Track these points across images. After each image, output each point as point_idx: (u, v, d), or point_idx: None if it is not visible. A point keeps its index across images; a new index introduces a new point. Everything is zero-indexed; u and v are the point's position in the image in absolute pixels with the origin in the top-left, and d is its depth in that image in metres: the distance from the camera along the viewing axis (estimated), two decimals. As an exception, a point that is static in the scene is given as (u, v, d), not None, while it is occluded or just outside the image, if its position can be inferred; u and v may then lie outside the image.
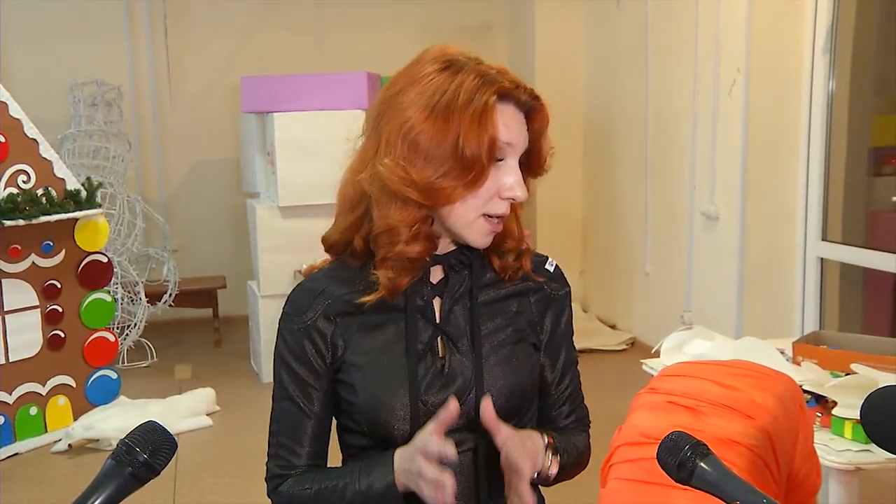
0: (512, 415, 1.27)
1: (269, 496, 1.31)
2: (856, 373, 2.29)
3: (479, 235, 1.23)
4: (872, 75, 4.16)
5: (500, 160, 1.19)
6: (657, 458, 1.13)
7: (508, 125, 1.19)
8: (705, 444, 1.10)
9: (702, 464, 1.07)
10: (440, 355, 1.25)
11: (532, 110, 1.22)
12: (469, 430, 1.24)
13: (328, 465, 1.31)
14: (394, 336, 1.24)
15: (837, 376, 2.32)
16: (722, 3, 4.26)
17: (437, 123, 1.16)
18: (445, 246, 1.26)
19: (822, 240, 4.04)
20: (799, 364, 2.47)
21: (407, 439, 1.21)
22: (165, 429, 1.07)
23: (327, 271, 1.30)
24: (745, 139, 4.16)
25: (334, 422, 1.32)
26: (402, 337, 1.24)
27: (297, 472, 1.28)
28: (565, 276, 1.38)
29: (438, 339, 1.25)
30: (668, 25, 4.88)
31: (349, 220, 1.26)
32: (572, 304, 1.39)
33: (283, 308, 1.30)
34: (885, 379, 2.11)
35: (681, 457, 1.08)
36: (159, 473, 1.04)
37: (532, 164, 1.25)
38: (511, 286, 1.31)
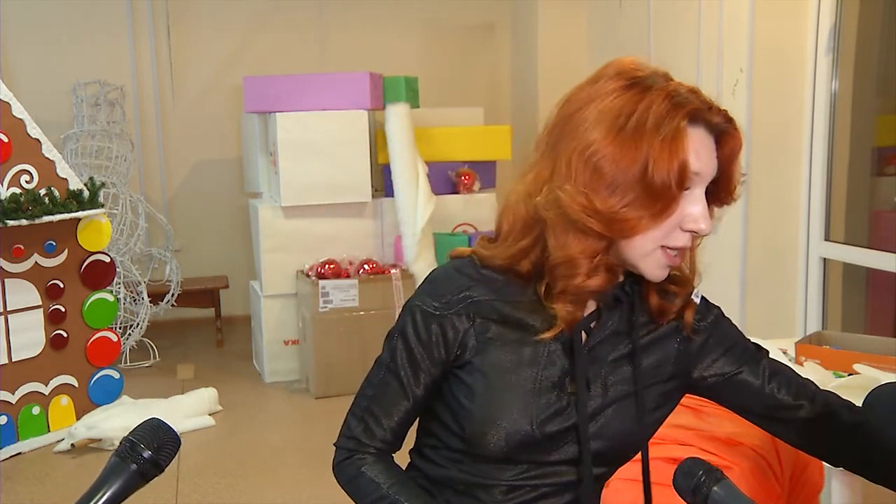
0: (608, 462, 1.25)
1: (336, 447, 1.29)
2: (859, 373, 2.29)
3: (655, 268, 1.16)
4: (876, 75, 4.15)
5: (687, 189, 1.12)
6: (673, 483, 1.14)
7: (698, 152, 1.11)
8: (720, 470, 1.11)
9: (716, 488, 1.08)
10: (569, 391, 1.20)
11: (723, 133, 1.15)
12: (543, 467, 1.22)
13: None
14: (529, 358, 1.19)
15: (840, 377, 2.31)
16: (725, 3, 4.25)
17: (623, 148, 1.08)
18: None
19: (825, 240, 4.04)
20: (802, 364, 2.47)
21: (501, 459, 1.19)
22: (169, 426, 1.07)
23: (482, 269, 1.21)
24: (747, 139, 4.15)
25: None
26: (536, 362, 1.19)
27: (375, 445, 1.25)
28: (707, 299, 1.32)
29: (573, 374, 1.20)
30: (671, 25, 4.88)
31: (519, 246, 1.18)
32: None
33: (424, 284, 1.24)
34: (887, 379, 2.10)
35: (695, 482, 1.10)
36: (164, 470, 1.04)
37: (720, 192, 1.18)
38: (662, 329, 1.26)
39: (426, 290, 1.22)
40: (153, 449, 1.03)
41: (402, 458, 1.34)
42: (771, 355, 2.55)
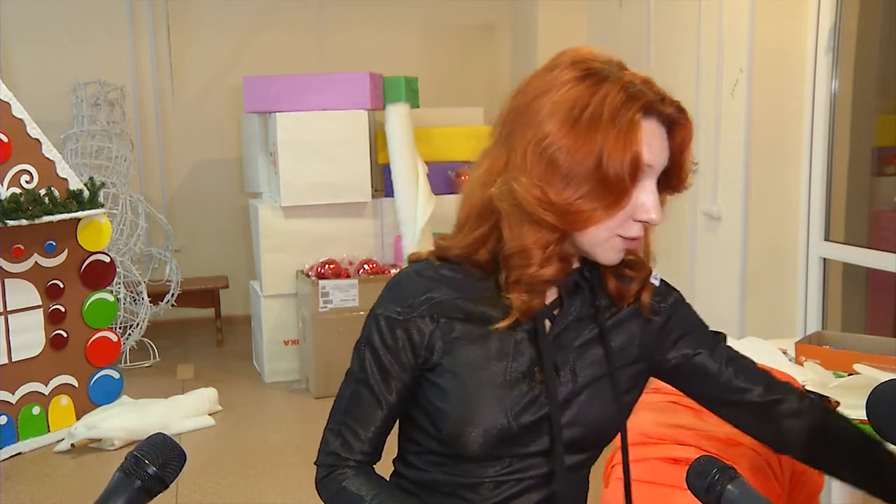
0: (588, 447, 1.26)
1: (316, 465, 1.28)
2: (859, 373, 2.29)
3: (610, 253, 1.18)
4: (875, 75, 4.15)
5: (639, 181, 1.14)
6: (686, 482, 1.14)
7: (651, 144, 1.12)
8: (733, 468, 1.11)
9: (730, 486, 1.08)
10: (539, 380, 1.20)
11: (675, 124, 1.16)
12: (528, 458, 1.22)
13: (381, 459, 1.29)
14: (497, 351, 1.19)
15: (840, 376, 2.31)
16: (725, 3, 4.25)
17: (578, 140, 1.09)
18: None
19: (825, 240, 4.04)
20: (802, 364, 2.47)
21: (482, 457, 1.19)
22: (175, 441, 1.06)
23: (440, 269, 1.22)
24: (747, 139, 4.16)
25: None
26: (505, 354, 1.19)
27: (355, 458, 1.25)
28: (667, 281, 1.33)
29: (542, 363, 1.20)
30: (671, 25, 4.88)
31: (475, 235, 1.20)
32: None
33: (386, 290, 1.24)
34: (887, 379, 2.11)
35: (709, 480, 1.10)
36: (168, 486, 1.03)
37: (671, 180, 1.19)
38: (624, 311, 1.27)
39: (388, 297, 1.22)
40: (158, 465, 1.01)
41: (385, 468, 1.33)
42: (770, 354, 2.56)
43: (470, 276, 1.21)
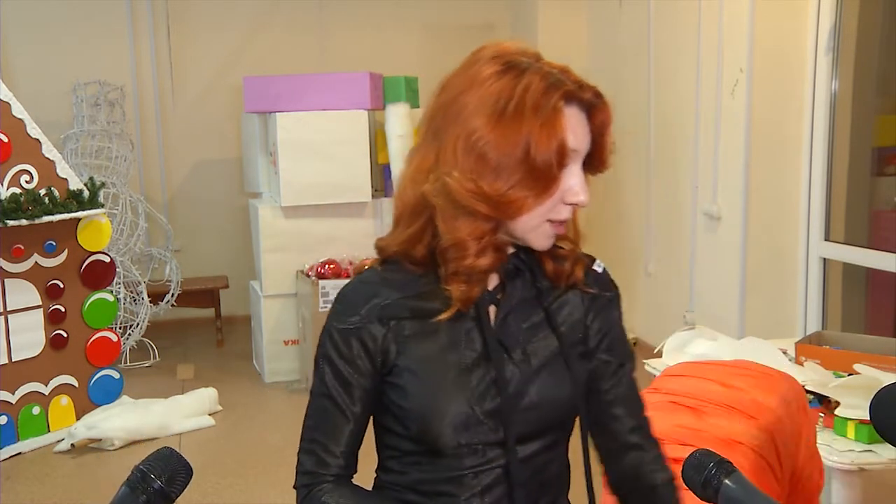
0: (553, 427, 1.26)
1: (295, 489, 1.28)
2: (858, 373, 2.29)
3: (542, 239, 1.21)
4: (875, 75, 4.15)
5: (566, 166, 1.17)
6: (682, 476, 1.13)
7: (574, 130, 1.16)
8: (730, 462, 1.10)
9: (727, 481, 1.08)
10: (494, 365, 1.22)
11: (593, 107, 1.19)
12: (501, 447, 1.22)
13: (358, 467, 1.29)
14: (448, 343, 1.21)
15: (840, 376, 2.32)
16: (724, 2, 4.26)
17: (505, 132, 1.13)
18: None
19: (825, 240, 4.04)
20: (801, 364, 2.47)
21: (454, 448, 1.20)
22: (181, 456, 1.06)
23: (382, 273, 1.25)
24: (747, 139, 4.16)
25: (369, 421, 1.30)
26: (456, 344, 1.21)
27: (331, 473, 1.25)
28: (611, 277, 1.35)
29: (492, 348, 1.22)
30: (671, 25, 4.88)
31: (410, 232, 1.22)
32: None
33: (334, 304, 1.27)
34: (888, 379, 2.10)
35: (706, 474, 1.09)
36: (174, 501, 1.03)
37: (594, 161, 1.22)
38: (562, 293, 1.29)
39: (338, 310, 1.25)
40: (164, 480, 1.01)
41: (368, 480, 1.32)
42: (770, 355, 2.55)
43: (411, 274, 1.23)
